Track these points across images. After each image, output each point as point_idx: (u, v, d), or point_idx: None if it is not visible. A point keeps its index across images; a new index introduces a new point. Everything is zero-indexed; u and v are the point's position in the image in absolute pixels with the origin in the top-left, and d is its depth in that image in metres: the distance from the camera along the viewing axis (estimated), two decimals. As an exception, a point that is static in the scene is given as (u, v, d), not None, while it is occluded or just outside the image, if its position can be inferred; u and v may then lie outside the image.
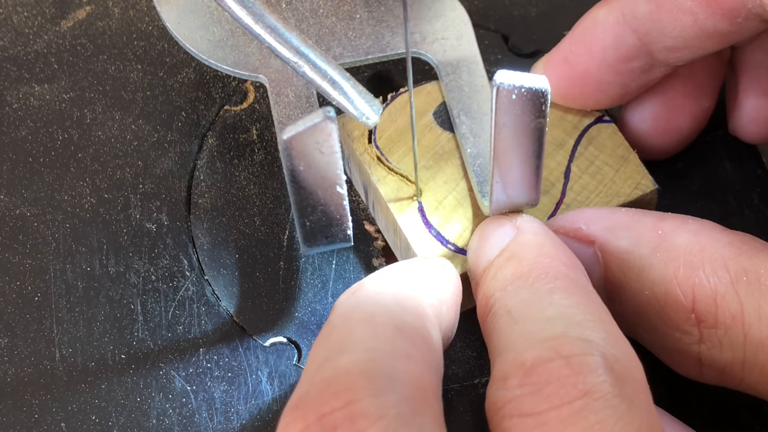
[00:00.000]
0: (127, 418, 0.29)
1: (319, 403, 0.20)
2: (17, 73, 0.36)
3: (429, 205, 0.30)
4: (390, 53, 0.32)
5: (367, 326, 0.23)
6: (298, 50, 0.27)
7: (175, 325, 0.31)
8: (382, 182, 0.30)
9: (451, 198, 0.30)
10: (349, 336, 0.22)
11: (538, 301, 0.23)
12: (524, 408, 0.21)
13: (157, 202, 0.33)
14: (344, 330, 0.23)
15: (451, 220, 0.30)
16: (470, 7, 0.35)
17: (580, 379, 0.21)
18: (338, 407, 0.20)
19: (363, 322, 0.23)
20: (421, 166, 0.30)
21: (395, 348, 0.22)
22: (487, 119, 0.31)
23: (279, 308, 0.31)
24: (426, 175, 0.30)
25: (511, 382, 0.21)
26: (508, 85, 0.24)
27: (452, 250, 0.29)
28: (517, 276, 0.25)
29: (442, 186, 0.30)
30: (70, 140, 0.35)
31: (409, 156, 0.30)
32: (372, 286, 0.25)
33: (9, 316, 0.31)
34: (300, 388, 0.22)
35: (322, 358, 0.22)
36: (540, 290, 0.24)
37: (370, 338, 0.22)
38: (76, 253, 0.32)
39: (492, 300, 0.25)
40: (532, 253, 0.25)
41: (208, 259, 0.32)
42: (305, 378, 0.22)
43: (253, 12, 0.27)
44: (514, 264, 0.25)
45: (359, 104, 0.27)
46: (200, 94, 0.36)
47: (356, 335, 0.22)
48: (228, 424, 0.29)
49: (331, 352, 0.22)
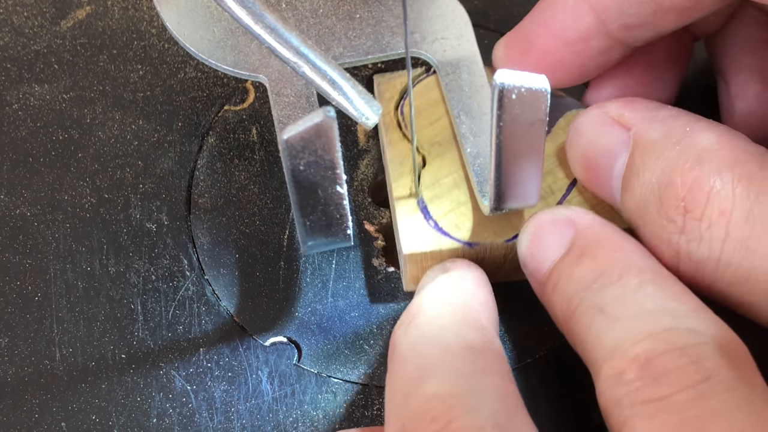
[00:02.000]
0: (127, 418, 0.29)
1: (420, 429, 0.21)
2: (17, 73, 0.36)
3: (426, 180, 0.30)
4: (390, 53, 0.32)
5: (440, 351, 0.23)
6: (297, 50, 0.27)
7: (176, 325, 0.31)
8: (391, 146, 0.31)
9: (449, 179, 0.30)
10: (426, 364, 0.23)
11: (632, 296, 0.24)
12: (646, 395, 0.21)
13: (158, 201, 0.33)
14: (418, 359, 0.23)
15: (442, 199, 0.30)
16: (470, 7, 0.36)
17: (699, 365, 0.21)
18: (439, 429, 0.21)
19: (435, 348, 0.23)
20: (434, 141, 0.31)
21: (474, 366, 0.23)
22: (487, 119, 0.31)
23: (279, 308, 0.31)
24: (435, 151, 0.31)
25: (627, 376, 0.22)
26: (508, 85, 0.24)
27: (431, 226, 0.29)
28: (598, 273, 0.25)
29: (446, 165, 0.31)
30: (70, 140, 0.35)
31: (428, 129, 0.31)
32: (427, 311, 0.25)
33: (9, 315, 0.31)
34: (392, 426, 0.22)
35: (404, 392, 0.22)
36: (629, 285, 0.24)
37: (448, 361, 0.23)
38: (77, 253, 0.32)
39: (575, 300, 0.25)
40: (605, 248, 0.25)
41: (208, 258, 0.32)
42: (394, 416, 0.22)
43: (253, 12, 0.27)
44: (589, 262, 0.25)
45: (359, 104, 0.27)
46: (200, 94, 0.36)
47: (433, 361, 0.23)
48: (228, 423, 0.29)
49: (412, 384, 0.22)
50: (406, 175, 0.30)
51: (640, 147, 0.27)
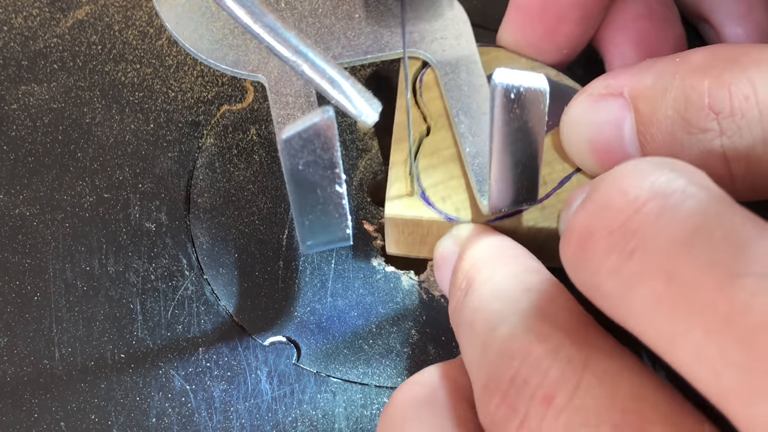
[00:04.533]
0: (126, 418, 0.29)
1: (504, 371, 0.22)
2: (17, 73, 0.36)
3: (426, 149, 0.31)
4: (389, 53, 0.32)
5: (502, 300, 0.24)
6: (297, 50, 0.27)
7: (175, 325, 0.31)
8: (401, 110, 0.31)
9: (449, 152, 0.31)
10: (492, 316, 0.23)
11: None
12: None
13: (157, 201, 0.33)
14: (484, 316, 0.24)
15: (436, 170, 0.30)
16: (469, 7, 0.35)
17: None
18: (520, 363, 0.21)
19: (496, 301, 0.24)
20: (442, 113, 0.32)
21: (537, 302, 0.23)
22: (486, 118, 0.31)
23: (278, 307, 0.31)
24: (441, 122, 0.31)
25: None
26: (507, 85, 0.24)
27: (418, 194, 0.30)
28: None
29: (448, 138, 0.31)
30: (69, 140, 0.35)
31: (439, 101, 0.32)
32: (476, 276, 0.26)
33: (8, 315, 0.31)
34: (477, 383, 0.23)
35: (481, 349, 0.23)
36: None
37: (512, 306, 0.23)
38: (76, 253, 0.32)
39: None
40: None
41: (207, 258, 0.32)
42: (476, 373, 0.23)
43: (252, 11, 0.27)
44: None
45: (358, 103, 0.27)
46: (199, 94, 0.36)
47: (498, 312, 0.23)
48: (227, 423, 0.29)
49: (485, 338, 0.23)
50: (407, 140, 0.31)
51: (641, 97, 0.27)
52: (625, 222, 0.20)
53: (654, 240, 0.20)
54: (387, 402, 0.29)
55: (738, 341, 0.18)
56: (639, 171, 0.21)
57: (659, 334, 0.19)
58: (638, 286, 0.20)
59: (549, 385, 0.20)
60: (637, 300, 0.20)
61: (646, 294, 0.19)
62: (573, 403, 0.20)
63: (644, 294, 0.19)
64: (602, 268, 0.20)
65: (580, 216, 0.21)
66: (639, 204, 0.20)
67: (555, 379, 0.20)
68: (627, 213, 0.20)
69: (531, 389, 0.21)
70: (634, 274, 0.20)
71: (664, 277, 0.19)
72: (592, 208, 0.21)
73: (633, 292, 0.20)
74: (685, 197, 0.20)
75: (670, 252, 0.19)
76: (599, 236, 0.21)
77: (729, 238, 0.19)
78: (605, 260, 0.20)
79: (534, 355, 0.21)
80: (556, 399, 0.20)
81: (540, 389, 0.21)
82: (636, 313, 0.20)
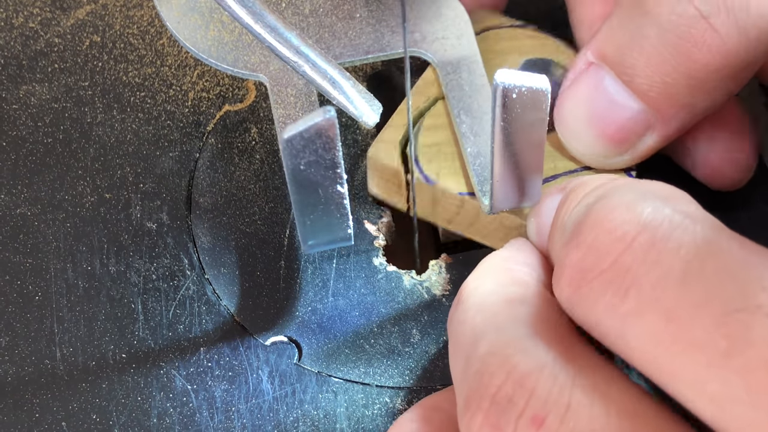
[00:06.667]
0: (127, 418, 0.29)
1: (483, 389, 0.21)
2: (18, 72, 0.36)
3: (429, 121, 0.31)
4: (390, 53, 0.32)
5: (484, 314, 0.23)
6: (298, 50, 0.27)
7: (176, 324, 0.31)
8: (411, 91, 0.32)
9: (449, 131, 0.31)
10: (474, 330, 0.23)
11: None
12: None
13: (158, 201, 0.33)
14: (467, 330, 0.23)
15: (433, 133, 0.31)
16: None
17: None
18: (501, 381, 0.21)
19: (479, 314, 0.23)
20: None
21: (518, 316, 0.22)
22: (487, 118, 0.31)
23: (279, 307, 0.31)
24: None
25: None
26: (509, 84, 0.24)
27: (412, 160, 0.30)
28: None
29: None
30: (70, 140, 0.35)
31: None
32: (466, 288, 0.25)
33: (10, 315, 0.31)
34: (460, 398, 0.22)
35: (463, 363, 0.22)
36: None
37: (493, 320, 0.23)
38: (77, 253, 0.32)
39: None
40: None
41: (208, 258, 0.32)
42: (459, 388, 0.22)
43: (253, 12, 0.27)
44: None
45: (359, 104, 0.27)
46: (200, 94, 0.36)
47: (480, 326, 0.23)
48: (229, 423, 0.29)
49: (467, 353, 0.22)
50: (415, 106, 0.31)
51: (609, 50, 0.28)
52: (617, 259, 0.20)
53: (647, 277, 0.19)
54: (388, 402, 0.29)
55: (740, 376, 0.18)
56: (624, 205, 0.21)
57: (661, 369, 0.19)
58: (636, 324, 0.19)
59: (538, 405, 0.20)
60: (636, 337, 0.19)
61: (645, 331, 0.19)
62: (566, 426, 0.20)
63: (642, 331, 0.19)
64: (598, 306, 0.20)
65: (571, 255, 0.21)
66: (628, 240, 0.20)
67: (543, 399, 0.20)
68: (618, 250, 0.20)
69: (518, 409, 0.20)
70: (631, 312, 0.19)
71: (660, 314, 0.19)
72: (581, 247, 0.21)
73: (631, 329, 0.19)
74: (673, 228, 0.20)
75: (665, 289, 0.19)
76: (592, 276, 0.20)
77: (721, 270, 0.19)
78: (600, 299, 0.20)
79: (517, 372, 0.21)
80: (547, 420, 0.20)
81: (529, 409, 0.20)
82: (636, 348, 0.20)
